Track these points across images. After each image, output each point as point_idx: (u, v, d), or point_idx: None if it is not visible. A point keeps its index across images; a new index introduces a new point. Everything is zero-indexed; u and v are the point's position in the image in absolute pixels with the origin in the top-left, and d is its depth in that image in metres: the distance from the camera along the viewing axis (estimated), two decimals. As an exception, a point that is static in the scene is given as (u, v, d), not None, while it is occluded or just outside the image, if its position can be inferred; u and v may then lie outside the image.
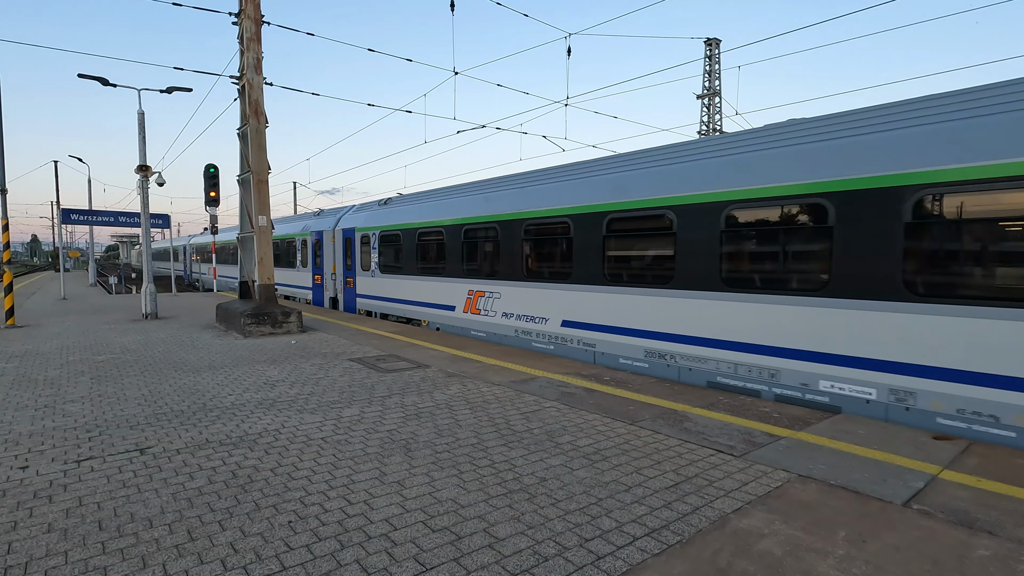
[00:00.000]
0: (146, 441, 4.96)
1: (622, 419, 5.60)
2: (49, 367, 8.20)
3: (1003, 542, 3.20)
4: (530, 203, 9.67)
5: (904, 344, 5.40)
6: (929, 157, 5.20)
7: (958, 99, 5.34)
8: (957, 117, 5.21)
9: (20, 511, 3.59)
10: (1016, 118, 4.82)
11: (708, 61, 34.56)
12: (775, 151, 6.47)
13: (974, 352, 4.99)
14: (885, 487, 3.95)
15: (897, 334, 5.44)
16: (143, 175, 15.42)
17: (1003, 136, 4.83)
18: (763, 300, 6.46)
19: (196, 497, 3.81)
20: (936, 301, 5.20)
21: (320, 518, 3.50)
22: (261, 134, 11.94)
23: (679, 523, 3.45)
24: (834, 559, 3.03)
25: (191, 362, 8.55)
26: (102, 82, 14.84)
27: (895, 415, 5.50)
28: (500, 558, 3.05)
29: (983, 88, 5.24)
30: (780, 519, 3.49)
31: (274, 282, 12.28)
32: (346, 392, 6.70)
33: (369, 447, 4.80)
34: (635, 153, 8.61)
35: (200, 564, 2.98)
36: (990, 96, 5.13)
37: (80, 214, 19.81)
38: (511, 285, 9.99)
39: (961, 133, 5.08)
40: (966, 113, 5.18)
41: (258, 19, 11.72)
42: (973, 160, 4.94)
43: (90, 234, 30.18)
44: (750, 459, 4.52)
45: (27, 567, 2.94)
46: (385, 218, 14.07)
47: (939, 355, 5.20)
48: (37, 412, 5.87)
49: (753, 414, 5.77)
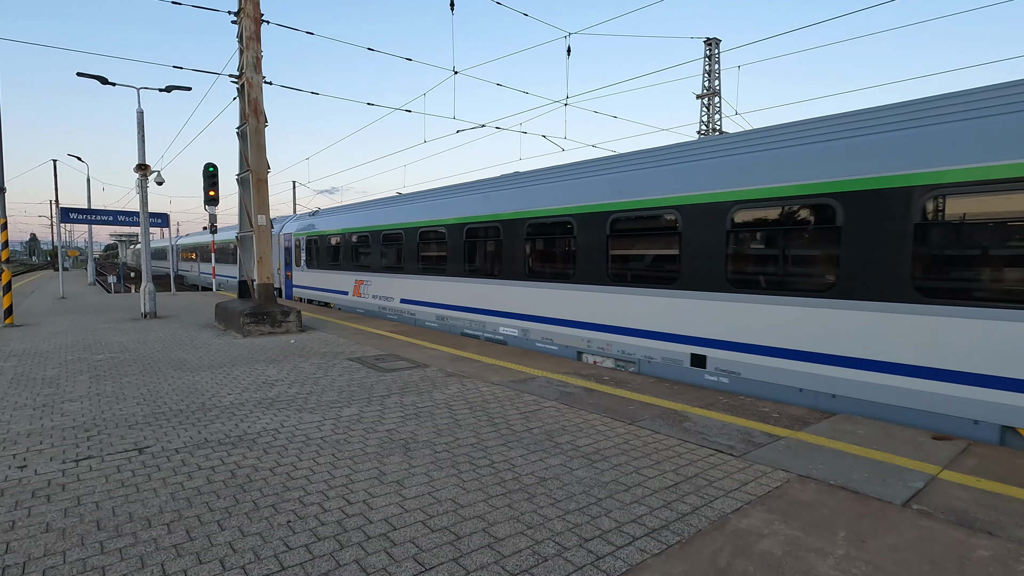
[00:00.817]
0: (145, 440, 4.95)
1: (621, 419, 5.60)
2: (48, 366, 8.18)
3: (1003, 542, 3.20)
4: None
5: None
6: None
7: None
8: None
9: (18, 510, 3.59)
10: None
11: (708, 61, 34.57)
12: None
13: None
14: (884, 487, 3.95)
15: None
16: (142, 174, 15.39)
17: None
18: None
19: (195, 497, 3.80)
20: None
21: (319, 518, 3.50)
22: (260, 133, 11.92)
23: (679, 523, 3.45)
24: (834, 559, 3.03)
25: (190, 361, 8.54)
26: (101, 81, 14.82)
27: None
28: (499, 558, 3.04)
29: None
30: (780, 519, 3.49)
31: (272, 280, 12.28)
32: (345, 391, 6.69)
33: (368, 447, 4.79)
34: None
35: (199, 564, 2.97)
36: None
37: (79, 213, 19.75)
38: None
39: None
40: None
41: (257, 18, 11.70)
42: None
43: (89, 233, 30.12)
44: (750, 459, 4.52)
45: (25, 567, 2.94)
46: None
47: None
48: (35, 411, 5.86)
49: (752, 414, 5.77)
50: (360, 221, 15.34)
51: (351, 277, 15.67)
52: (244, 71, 11.81)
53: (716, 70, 34.59)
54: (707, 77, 34.80)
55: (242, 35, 11.80)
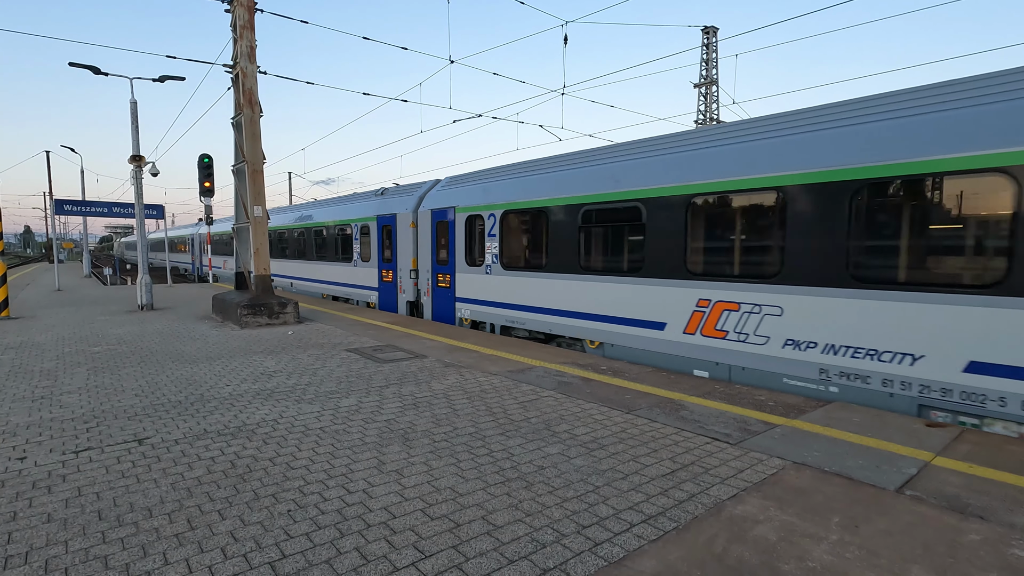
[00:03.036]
0: (144, 432, 4.96)
1: (619, 408, 5.64)
2: (45, 358, 8.18)
3: (994, 527, 3.25)
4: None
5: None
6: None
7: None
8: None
9: (20, 501, 3.60)
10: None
11: (705, 49, 34.39)
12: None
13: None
14: (878, 474, 4.00)
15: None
16: (136, 165, 15.29)
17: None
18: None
19: (195, 487, 3.82)
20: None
21: (319, 507, 3.53)
22: (255, 123, 11.84)
23: (675, 510, 3.49)
24: (828, 544, 3.07)
25: (188, 353, 8.54)
26: (94, 71, 14.67)
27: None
28: (498, 545, 3.08)
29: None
30: (775, 505, 3.53)
31: (272, 276, 12.25)
32: (344, 382, 6.71)
33: (367, 437, 4.82)
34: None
35: (200, 552, 3.00)
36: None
37: (73, 205, 19.66)
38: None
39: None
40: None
41: (251, 6, 11.58)
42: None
43: (83, 225, 29.97)
44: (745, 447, 4.56)
45: (27, 556, 2.96)
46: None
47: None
48: (34, 403, 5.87)
49: (749, 402, 5.82)
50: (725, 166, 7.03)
51: (682, 293, 7.42)
52: (238, 61, 11.70)
53: (714, 59, 34.43)
54: (704, 66, 34.64)
55: (236, 24, 11.68)
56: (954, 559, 2.93)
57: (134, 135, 15.09)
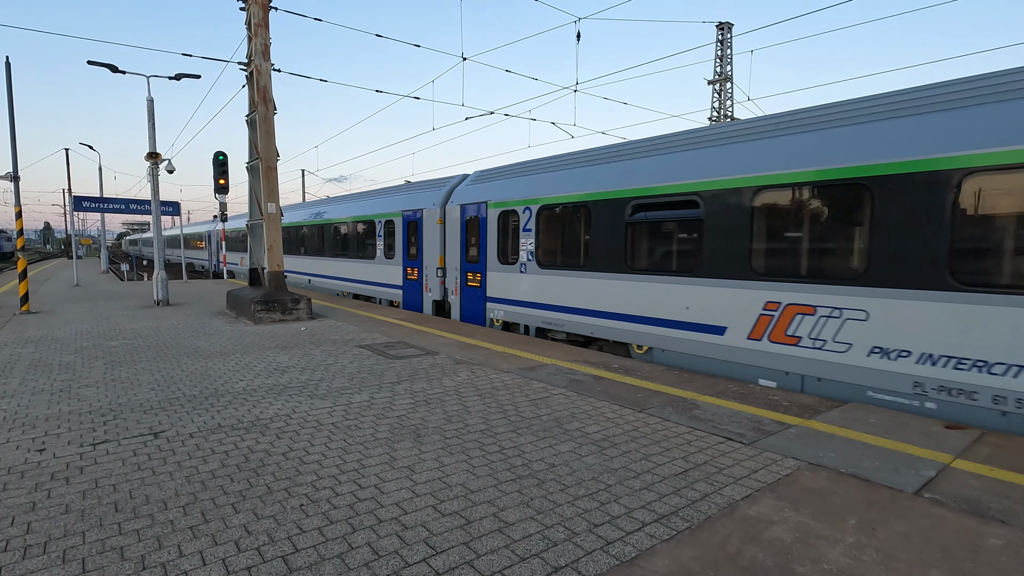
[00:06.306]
0: (160, 425, 5.02)
1: (631, 406, 5.61)
2: (64, 352, 8.31)
3: (1016, 531, 3.18)
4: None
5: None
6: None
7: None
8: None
9: (38, 492, 3.66)
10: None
11: (720, 46, 34.02)
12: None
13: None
14: (896, 475, 3.93)
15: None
16: (153, 162, 15.48)
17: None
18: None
19: (209, 480, 3.86)
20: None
21: (331, 502, 3.54)
22: (269, 121, 11.93)
23: (688, 509, 3.45)
24: (844, 546, 3.03)
25: (202, 348, 8.63)
26: (111, 69, 14.86)
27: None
28: (510, 542, 3.07)
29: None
30: (790, 506, 3.48)
31: (288, 272, 12.34)
32: (356, 378, 6.75)
33: (379, 432, 4.83)
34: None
35: (214, 545, 3.02)
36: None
37: (91, 201, 19.95)
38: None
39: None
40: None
41: (265, 4, 11.65)
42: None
43: (101, 221, 30.43)
44: (760, 447, 4.51)
45: (46, 547, 3.00)
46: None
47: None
48: (53, 396, 5.96)
49: (763, 402, 5.75)
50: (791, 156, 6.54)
51: (749, 295, 6.81)
52: (252, 58, 11.79)
53: (728, 55, 34.05)
54: (719, 62, 34.27)
55: (250, 22, 11.77)
56: (974, 564, 2.87)
57: (151, 132, 15.28)
